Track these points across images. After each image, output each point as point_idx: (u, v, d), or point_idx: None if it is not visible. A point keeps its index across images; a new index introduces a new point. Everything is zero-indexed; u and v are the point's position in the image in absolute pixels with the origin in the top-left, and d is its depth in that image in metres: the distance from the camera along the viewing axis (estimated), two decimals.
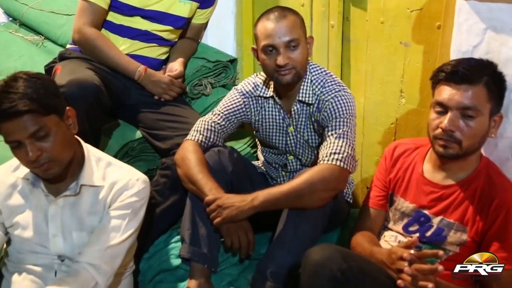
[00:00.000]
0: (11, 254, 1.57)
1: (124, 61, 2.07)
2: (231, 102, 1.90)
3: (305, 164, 1.92)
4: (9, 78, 1.39)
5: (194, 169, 1.71)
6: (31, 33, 2.92)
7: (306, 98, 1.80)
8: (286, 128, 1.88)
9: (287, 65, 1.69)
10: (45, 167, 1.41)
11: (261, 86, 1.89)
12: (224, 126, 1.88)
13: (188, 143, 1.82)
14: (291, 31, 1.68)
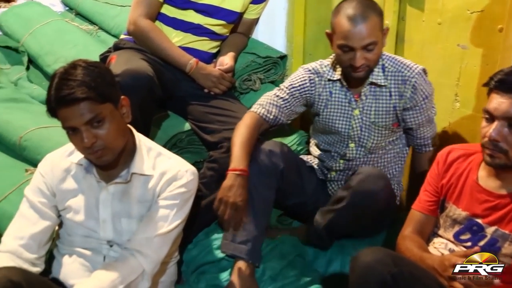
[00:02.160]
0: (62, 237, 1.62)
1: (176, 54, 2.10)
2: (297, 77, 1.90)
3: (367, 148, 1.89)
4: (68, 66, 1.43)
5: (238, 138, 1.78)
6: (85, 23, 2.98)
7: (378, 80, 1.80)
8: (351, 111, 1.86)
9: (362, 65, 1.69)
10: (99, 153, 1.44)
11: (328, 68, 1.88)
12: (287, 101, 1.88)
13: (249, 115, 1.87)
14: (370, 35, 1.66)
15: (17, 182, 1.98)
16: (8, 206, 1.91)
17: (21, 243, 1.49)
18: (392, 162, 1.95)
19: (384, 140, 1.89)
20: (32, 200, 1.55)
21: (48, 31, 2.76)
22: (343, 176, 1.96)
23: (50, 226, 1.56)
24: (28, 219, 1.54)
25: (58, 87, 1.39)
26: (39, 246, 1.52)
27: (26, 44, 2.74)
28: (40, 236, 1.53)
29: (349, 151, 1.91)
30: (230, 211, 1.69)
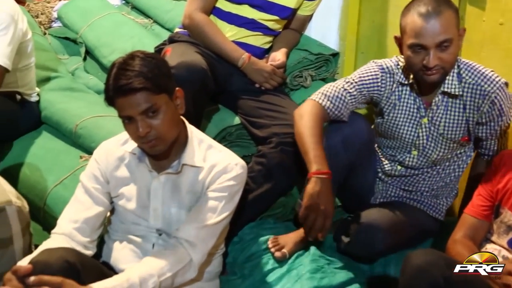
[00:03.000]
0: (114, 223, 1.66)
1: (229, 48, 2.12)
2: (368, 73, 1.79)
3: (431, 160, 1.80)
4: (127, 56, 1.47)
5: (309, 131, 1.67)
6: (141, 16, 3.05)
7: (452, 89, 1.69)
8: (419, 119, 1.78)
9: (436, 66, 1.59)
10: (152, 143, 1.47)
11: (400, 70, 1.78)
12: (355, 97, 1.78)
13: (313, 104, 1.76)
14: (445, 30, 1.55)
15: (72, 168, 2.06)
16: (63, 191, 1.99)
17: (75, 226, 1.54)
18: (453, 172, 1.87)
19: (451, 153, 1.80)
20: (87, 185, 1.60)
21: (105, 24, 2.83)
22: (397, 182, 1.89)
23: (103, 212, 1.61)
24: (82, 203, 1.58)
25: (117, 77, 1.43)
26: (92, 230, 1.57)
27: (84, 35, 2.83)
28: (93, 220, 1.57)
29: (410, 158, 1.83)
30: (320, 219, 1.58)
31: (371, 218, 1.71)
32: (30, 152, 2.20)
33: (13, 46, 2.05)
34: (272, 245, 1.86)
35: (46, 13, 3.08)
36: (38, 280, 1.20)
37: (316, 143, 1.65)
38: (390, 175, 1.90)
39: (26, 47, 2.21)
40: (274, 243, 1.86)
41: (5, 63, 1.99)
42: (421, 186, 1.87)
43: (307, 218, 1.60)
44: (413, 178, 1.87)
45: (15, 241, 1.47)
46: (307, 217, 1.60)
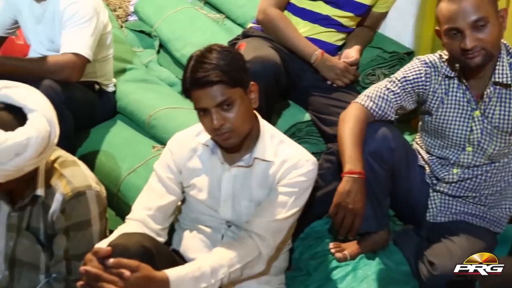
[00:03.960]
0: (184, 212, 1.70)
1: (302, 44, 2.11)
2: (411, 70, 1.76)
3: (487, 155, 1.72)
4: (204, 49, 1.49)
5: (348, 133, 1.68)
6: (213, 11, 3.09)
7: (504, 78, 1.63)
8: (470, 112, 1.70)
9: (474, 47, 1.54)
10: (225, 136, 1.49)
11: (445, 63, 1.72)
12: (398, 95, 1.75)
13: (356, 107, 1.76)
14: (477, 9, 1.52)
15: (145, 157, 2.12)
16: (136, 179, 2.05)
17: (149, 213, 1.58)
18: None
19: (508, 147, 1.72)
20: (161, 174, 1.64)
21: (179, 18, 2.89)
22: (456, 190, 1.79)
23: (175, 201, 1.64)
24: (156, 192, 1.63)
25: (194, 69, 1.46)
26: (164, 218, 1.61)
27: (158, 29, 2.90)
28: (165, 209, 1.62)
29: (464, 156, 1.74)
30: (349, 218, 1.60)
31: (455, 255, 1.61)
32: (106, 140, 2.28)
33: (95, 38, 2.13)
34: (334, 246, 1.86)
35: (123, 7, 3.19)
36: (116, 262, 1.24)
37: (353, 144, 1.65)
38: (447, 182, 1.79)
39: (106, 39, 2.30)
40: (336, 245, 1.86)
41: (87, 54, 2.07)
42: (483, 187, 1.77)
43: (336, 216, 1.61)
44: (473, 181, 1.76)
45: (93, 224, 1.53)
46: (336, 214, 1.61)
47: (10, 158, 1.30)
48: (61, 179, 1.51)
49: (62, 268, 1.52)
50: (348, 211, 1.59)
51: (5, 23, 2.29)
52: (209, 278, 1.37)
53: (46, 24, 2.16)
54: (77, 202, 1.49)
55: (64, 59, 2.04)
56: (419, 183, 1.84)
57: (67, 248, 1.51)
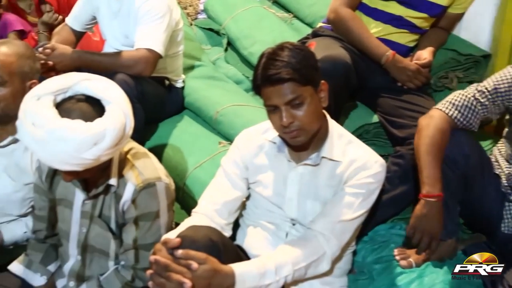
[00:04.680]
0: (249, 208, 1.71)
1: (373, 44, 2.07)
2: (504, 81, 1.67)
3: None
4: (276, 47, 1.50)
5: (427, 143, 1.63)
6: (281, 11, 3.10)
7: None
8: None
9: None
10: (294, 134, 1.49)
11: None
12: (486, 107, 1.68)
13: (439, 115, 1.68)
14: None
15: (211, 153, 2.15)
16: (201, 173, 2.09)
17: (215, 208, 1.61)
18: None
19: None
20: (227, 170, 1.66)
21: (248, 17, 2.92)
22: None
23: (240, 197, 1.66)
24: (222, 187, 1.65)
25: (265, 66, 1.46)
26: (229, 213, 1.63)
27: (227, 27, 2.94)
28: (231, 204, 1.63)
29: None
30: (426, 240, 1.62)
31: None
32: (173, 135, 2.34)
33: (167, 34, 2.19)
34: (398, 253, 1.82)
35: (193, 5, 3.26)
36: (185, 253, 1.27)
37: (432, 160, 1.61)
38: None
39: (177, 36, 2.35)
40: (400, 252, 1.82)
41: (159, 49, 2.13)
42: None
43: (413, 237, 1.64)
44: None
45: (161, 215, 1.56)
46: (413, 236, 1.64)
47: (89, 148, 1.35)
48: (133, 170, 1.55)
49: (130, 257, 1.57)
50: (425, 234, 1.62)
51: (84, 19, 2.39)
52: (273, 275, 1.37)
53: (121, 19, 2.24)
54: (147, 193, 1.53)
55: (137, 54, 2.10)
56: (493, 192, 1.76)
57: (136, 238, 1.55)
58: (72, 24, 2.40)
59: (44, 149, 1.35)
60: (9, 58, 1.74)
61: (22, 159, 1.83)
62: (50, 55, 2.07)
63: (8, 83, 1.74)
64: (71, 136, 1.33)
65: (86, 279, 1.64)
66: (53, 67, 2.09)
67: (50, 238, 1.74)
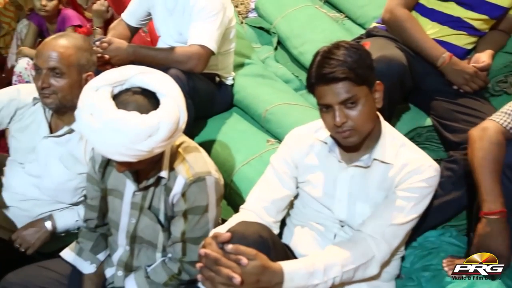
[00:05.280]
0: (297, 208, 1.70)
1: (429, 46, 2.02)
2: None
3: None
4: (332, 45, 1.48)
5: (484, 157, 1.56)
6: (333, 10, 3.07)
7: None
8: None
9: None
10: (346, 134, 1.47)
11: None
12: None
13: (493, 126, 1.62)
14: None
15: (259, 150, 2.16)
16: (249, 171, 2.09)
17: (263, 205, 1.60)
18: None
19: None
20: (277, 168, 1.65)
21: (299, 16, 2.90)
22: None
23: (289, 195, 1.65)
24: (271, 184, 1.64)
25: (320, 64, 1.45)
26: (277, 211, 1.62)
27: (277, 26, 2.93)
28: (279, 202, 1.63)
29: None
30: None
31: None
32: (222, 131, 2.35)
33: (220, 31, 2.20)
34: (447, 264, 1.76)
35: (245, 4, 3.26)
36: (235, 248, 1.27)
37: (491, 174, 1.54)
38: None
39: (230, 33, 2.36)
40: (449, 263, 1.76)
41: (212, 47, 2.15)
42: None
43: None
44: None
45: (210, 210, 1.57)
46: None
47: (143, 139, 1.37)
48: (184, 163, 1.57)
49: (178, 249, 1.59)
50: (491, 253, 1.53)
51: (139, 15, 2.43)
52: (322, 275, 1.35)
53: (176, 16, 2.27)
54: (197, 187, 1.54)
55: (191, 50, 2.13)
56: None
57: (184, 231, 1.57)
58: (128, 20, 2.45)
59: (100, 139, 1.38)
60: (68, 50, 1.79)
61: (76, 149, 1.88)
62: (106, 48, 2.11)
63: (66, 75, 1.79)
64: (126, 127, 1.35)
65: (134, 269, 1.67)
66: (109, 60, 2.14)
67: (101, 228, 1.78)
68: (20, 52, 3.30)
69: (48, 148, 1.89)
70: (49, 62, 1.76)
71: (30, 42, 3.38)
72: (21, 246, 1.86)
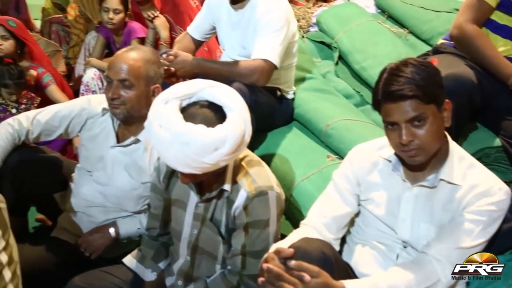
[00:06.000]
0: (357, 226, 1.67)
1: (501, 64, 1.95)
2: None
3: None
4: (400, 62, 1.46)
5: None
6: (396, 26, 3.04)
7: None
8: None
9: None
10: (412, 153, 1.44)
11: None
12: None
13: None
14: None
15: (319, 166, 2.14)
16: (309, 186, 2.08)
17: (324, 221, 1.59)
18: None
19: None
20: (339, 184, 1.64)
21: (361, 31, 2.89)
22: None
23: (350, 213, 1.63)
24: (332, 201, 1.63)
25: (387, 82, 1.43)
26: (338, 228, 1.61)
27: (339, 41, 2.92)
28: (340, 219, 1.61)
29: None
30: None
31: None
32: (282, 145, 2.35)
33: (284, 46, 2.21)
34: None
35: (306, 18, 3.28)
36: (298, 265, 1.26)
37: None
38: None
39: (292, 48, 2.37)
40: None
41: (276, 61, 2.16)
42: None
43: None
44: None
45: (271, 224, 1.57)
46: None
47: (210, 152, 1.39)
48: (247, 177, 1.58)
49: (237, 262, 1.59)
50: None
51: (204, 28, 2.49)
52: None
53: (240, 30, 2.30)
54: (259, 201, 1.55)
55: (254, 64, 2.15)
56: None
57: (245, 244, 1.58)
58: (193, 33, 2.51)
59: (168, 151, 1.42)
60: (137, 63, 1.85)
61: (141, 158, 1.94)
62: (172, 61, 2.17)
63: (135, 87, 1.85)
64: (193, 140, 1.38)
65: (194, 280, 1.69)
66: (174, 73, 2.19)
67: (162, 237, 1.82)
68: (88, 63, 3.43)
69: (115, 157, 1.96)
70: (120, 74, 1.83)
71: (98, 53, 3.51)
72: (86, 251, 1.94)
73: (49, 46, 3.80)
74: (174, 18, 3.32)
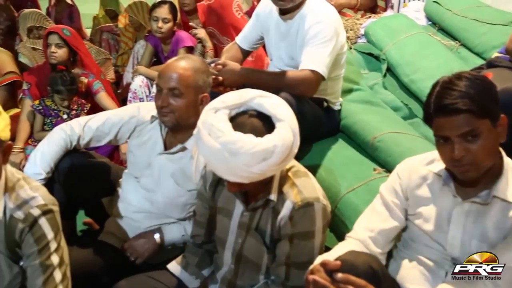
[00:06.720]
0: (404, 240, 1.63)
1: None
2: None
3: None
4: (453, 76, 1.43)
5: None
6: (447, 38, 2.98)
7: None
8: None
9: None
10: (465, 168, 1.40)
11: None
12: None
13: None
14: None
15: (365, 178, 2.11)
16: (354, 198, 2.06)
17: (370, 235, 1.56)
18: None
19: None
20: (386, 198, 1.61)
21: (411, 43, 2.85)
22: None
23: (397, 227, 1.60)
24: (379, 214, 1.60)
25: (440, 95, 1.40)
26: (385, 242, 1.58)
27: (388, 52, 2.89)
28: (387, 233, 1.58)
29: None
30: None
31: None
32: (327, 156, 2.34)
33: (332, 57, 2.20)
34: None
35: (354, 29, 3.27)
36: (345, 278, 1.25)
37: None
38: None
39: (341, 59, 2.36)
40: None
41: (323, 72, 2.15)
42: None
43: None
44: None
45: (316, 235, 1.56)
46: None
47: (258, 162, 1.40)
48: (293, 187, 1.57)
49: (281, 273, 1.59)
50: None
51: (252, 39, 2.51)
52: None
53: (289, 41, 2.31)
54: (305, 212, 1.54)
55: (302, 74, 2.15)
56: None
57: (289, 255, 1.57)
58: (241, 43, 2.53)
59: (216, 159, 1.43)
60: (187, 72, 1.88)
61: (187, 166, 1.96)
62: (220, 70, 2.19)
63: (184, 95, 1.88)
64: (242, 149, 1.39)
65: None
66: (222, 82, 2.21)
67: (206, 244, 1.83)
68: (136, 71, 3.51)
69: (162, 164, 1.99)
70: (170, 82, 1.86)
71: (146, 61, 3.59)
72: (131, 256, 1.96)
73: (100, 54, 3.92)
74: (220, 30, 3.37)
